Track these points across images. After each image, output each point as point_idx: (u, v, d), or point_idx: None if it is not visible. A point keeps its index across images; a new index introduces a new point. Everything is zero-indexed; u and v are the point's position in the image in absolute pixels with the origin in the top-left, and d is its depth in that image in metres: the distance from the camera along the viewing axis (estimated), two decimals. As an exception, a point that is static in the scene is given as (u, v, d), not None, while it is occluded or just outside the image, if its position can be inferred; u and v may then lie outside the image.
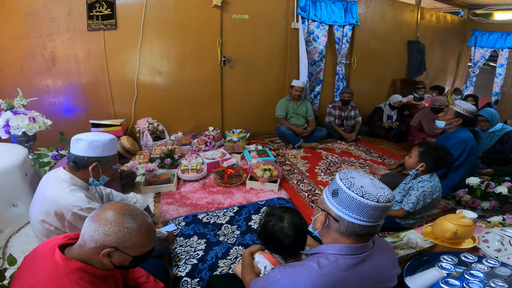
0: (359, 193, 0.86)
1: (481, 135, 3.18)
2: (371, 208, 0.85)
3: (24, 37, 3.01)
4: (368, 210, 0.86)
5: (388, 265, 0.98)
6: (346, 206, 0.88)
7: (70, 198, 1.37)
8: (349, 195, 0.87)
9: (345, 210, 0.88)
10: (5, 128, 2.28)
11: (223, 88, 4.00)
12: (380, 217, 0.87)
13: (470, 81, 5.86)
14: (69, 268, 0.88)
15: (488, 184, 2.33)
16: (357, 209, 0.86)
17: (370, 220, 0.87)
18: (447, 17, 5.61)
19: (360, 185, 0.88)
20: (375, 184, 0.92)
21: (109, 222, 0.89)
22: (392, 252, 1.05)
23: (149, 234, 0.96)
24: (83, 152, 1.43)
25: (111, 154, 1.52)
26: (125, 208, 0.94)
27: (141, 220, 0.94)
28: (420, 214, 2.05)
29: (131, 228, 0.91)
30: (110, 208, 0.93)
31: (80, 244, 0.93)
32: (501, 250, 1.25)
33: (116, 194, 1.91)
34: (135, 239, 0.92)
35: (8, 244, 1.96)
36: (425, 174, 1.96)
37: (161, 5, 3.38)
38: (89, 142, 1.42)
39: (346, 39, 4.34)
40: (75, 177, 1.46)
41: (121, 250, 0.91)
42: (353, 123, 4.43)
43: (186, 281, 1.71)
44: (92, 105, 3.47)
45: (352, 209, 0.87)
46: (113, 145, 1.53)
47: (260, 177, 2.76)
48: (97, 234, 0.88)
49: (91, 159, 1.44)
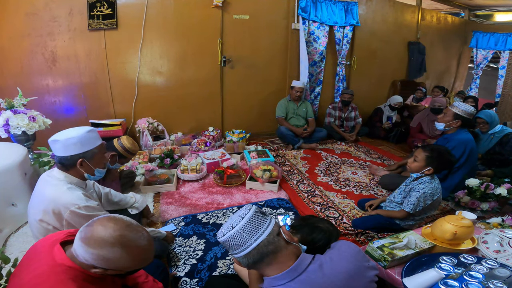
0: (222, 233, 0.97)
1: (481, 136, 3.18)
2: (226, 241, 0.95)
3: (25, 36, 3.01)
4: (228, 244, 0.95)
5: (344, 276, 0.95)
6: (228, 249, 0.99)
7: (68, 197, 1.36)
8: (220, 241, 0.99)
9: (233, 251, 0.97)
10: (5, 127, 2.28)
11: (223, 88, 4.00)
12: (242, 243, 0.93)
13: (474, 83, 5.86)
14: (66, 266, 0.88)
15: (487, 185, 2.34)
16: (228, 247, 0.97)
17: (239, 250, 0.94)
18: (448, 18, 5.61)
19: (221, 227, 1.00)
20: (235, 216, 0.99)
21: (99, 248, 0.85)
22: (354, 260, 1.00)
23: (142, 257, 0.92)
24: (63, 152, 1.38)
25: (94, 146, 1.45)
26: (113, 234, 0.87)
27: (134, 246, 0.89)
28: (420, 216, 2.05)
29: (121, 258, 0.87)
30: (101, 232, 0.86)
31: (72, 252, 0.91)
32: (500, 251, 1.25)
33: (115, 194, 1.91)
34: (127, 264, 0.90)
35: (7, 243, 1.96)
36: (428, 176, 1.95)
37: (162, 5, 3.39)
38: (64, 141, 1.36)
39: (346, 40, 4.34)
40: (69, 175, 1.43)
41: (112, 270, 0.90)
42: (353, 124, 4.43)
43: (185, 281, 1.70)
44: (92, 105, 3.47)
45: (229, 249, 0.97)
46: (92, 137, 1.45)
47: (260, 177, 2.76)
48: (88, 255, 0.86)
49: (74, 157, 1.39)
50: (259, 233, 0.93)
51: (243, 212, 0.98)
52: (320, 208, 2.54)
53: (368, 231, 2.17)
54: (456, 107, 2.46)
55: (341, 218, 2.39)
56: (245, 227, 0.94)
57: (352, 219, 2.34)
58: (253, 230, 0.93)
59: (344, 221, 2.35)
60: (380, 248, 1.29)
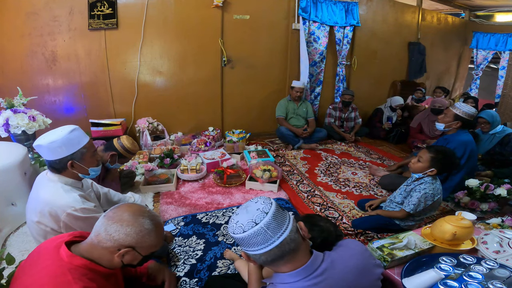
0: (230, 231, 0.92)
1: (481, 137, 3.18)
2: (246, 238, 0.89)
3: (25, 36, 3.01)
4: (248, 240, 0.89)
5: (355, 274, 0.95)
6: (240, 245, 0.93)
7: (64, 199, 1.34)
8: (232, 237, 0.92)
9: (243, 248, 0.93)
10: (5, 126, 2.27)
11: (223, 88, 4.00)
12: (265, 239, 0.87)
13: (474, 84, 5.86)
14: (73, 265, 0.89)
15: (487, 186, 2.33)
16: (243, 243, 0.91)
17: (261, 247, 0.88)
18: (448, 18, 5.61)
19: (235, 221, 0.92)
20: (251, 209, 0.92)
21: (131, 223, 0.93)
22: (362, 258, 1.01)
23: (162, 233, 1.04)
24: (51, 156, 1.35)
25: (81, 146, 1.41)
26: (142, 209, 0.99)
27: (157, 221, 1.00)
28: (420, 216, 2.05)
29: (150, 229, 0.96)
30: (128, 210, 0.97)
31: (91, 243, 0.95)
32: (500, 251, 1.25)
33: (114, 194, 1.90)
34: (151, 239, 0.97)
35: (6, 243, 1.96)
36: (429, 177, 1.95)
37: (162, 5, 3.39)
38: (47, 146, 1.32)
39: (347, 40, 4.34)
40: (63, 177, 1.41)
41: (136, 250, 0.95)
42: (353, 125, 4.43)
43: (184, 281, 1.70)
44: (92, 104, 3.47)
45: (243, 245, 0.91)
46: (76, 136, 1.39)
47: (260, 177, 2.75)
48: (118, 234, 0.92)
49: (63, 160, 1.36)
50: (282, 230, 0.88)
51: (264, 206, 0.91)
52: (320, 209, 2.54)
53: (367, 232, 2.17)
54: (457, 108, 2.46)
55: (340, 219, 2.39)
56: (270, 223, 0.87)
57: (351, 219, 2.34)
58: (277, 227, 0.88)
59: (344, 221, 2.35)
60: (379, 249, 1.29)
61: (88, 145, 1.45)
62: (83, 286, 0.86)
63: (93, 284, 0.89)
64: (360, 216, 2.39)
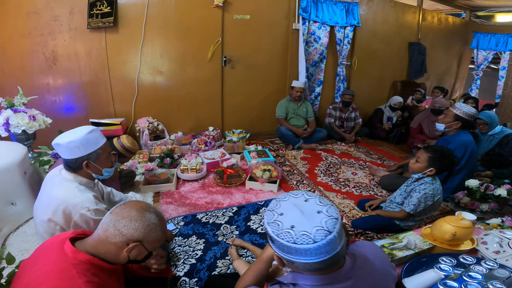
0: (290, 240, 0.73)
1: (481, 137, 3.18)
2: (313, 249, 0.73)
3: (25, 35, 3.02)
4: (311, 251, 0.73)
5: (379, 277, 0.90)
6: (286, 252, 0.76)
7: (79, 198, 1.36)
8: (281, 243, 0.75)
9: (287, 254, 0.76)
10: (5, 126, 2.28)
11: (224, 88, 4.00)
12: (332, 249, 0.74)
13: (474, 84, 5.85)
14: (77, 260, 0.91)
15: (487, 186, 2.33)
16: (298, 253, 0.74)
17: (321, 256, 0.74)
18: (449, 19, 5.61)
19: (289, 226, 0.75)
20: (309, 211, 0.77)
21: (138, 218, 0.98)
22: (382, 259, 0.96)
23: (166, 228, 1.10)
24: (68, 155, 1.38)
25: (97, 147, 1.44)
26: (147, 205, 1.04)
27: (161, 217, 1.06)
28: (420, 217, 2.05)
29: (156, 224, 1.01)
30: (135, 206, 1.01)
31: (98, 238, 0.97)
32: (500, 252, 1.25)
33: (116, 193, 1.91)
34: (157, 233, 1.02)
35: (6, 242, 1.96)
36: (429, 177, 1.95)
37: (163, 5, 3.39)
38: (66, 145, 1.36)
39: (347, 40, 4.34)
40: (78, 176, 1.44)
41: (143, 244, 0.99)
42: (353, 125, 4.42)
43: (184, 281, 1.71)
44: (92, 104, 3.48)
45: (293, 253, 0.75)
46: (94, 137, 1.43)
47: (260, 177, 2.75)
48: (127, 229, 0.96)
49: (79, 159, 1.39)
50: (343, 238, 0.78)
51: (326, 208, 0.78)
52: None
53: (367, 232, 2.17)
54: (457, 109, 2.46)
55: (341, 219, 2.39)
56: (340, 231, 0.76)
57: (351, 220, 2.34)
58: (342, 234, 0.77)
59: (344, 221, 2.35)
60: (379, 249, 1.29)
61: (104, 146, 1.49)
62: (87, 281, 0.87)
63: (96, 279, 0.91)
64: (360, 216, 2.39)
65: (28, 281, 0.89)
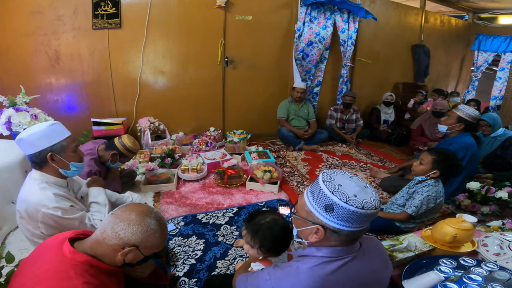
0: (359, 206, 0.82)
1: (483, 140, 3.17)
2: (370, 214, 0.84)
3: (29, 35, 3.03)
4: (367, 217, 0.84)
5: (378, 265, 0.97)
6: (346, 219, 0.84)
7: (37, 196, 1.33)
8: (348, 209, 0.82)
9: (344, 222, 0.84)
10: (7, 124, 2.28)
11: (225, 88, 4.01)
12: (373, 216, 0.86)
13: (472, 85, 5.84)
14: (75, 261, 0.91)
15: (488, 188, 2.33)
16: (357, 219, 0.83)
17: (362, 225, 0.86)
18: (452, 20, 5.60)
19: (353, 194, 0.84)
20: (361, 185, 0.88)
21: (138, 223, 0.95)
22: (382, 251, 1.04)
23: (165, 235, 1.06)
24: (31, 149, 1.36)
25: (61, 138, 1.42)
26: (149, 209, 1.01)
27: (162, 223, 1.03)
28: (421, 219, 2.05)
29: (155, 230, 0.98)
30: (136, 209, 0.99)
31: (96, 239, 0.96)
32: (500, 254, 1.24)
33: (110, 194, 1.88)
34: (156, 240, 0.99)
35: (6, 241, 1.96)
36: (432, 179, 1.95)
37: (165, 5, 3.40)
38: (27, 137, 1.34)
39: (351, 42, 4.32)
40: (45, 174, 1.40)
41: (139, 250, 0.96)
42: (354, 127, 4.42)
43: (184, 281, 1.70)
44: (94, 104, 3.49)
45: (352, 221, 0.84)
46: (56, 129, 1.42)
47: (260, 178, 2.75)
48: (124, 233, 0.94)
49: (42, 152, 1.36)
50: None
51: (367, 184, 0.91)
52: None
53: (368, 233, 2.16)
54: (461, 110, 2.45)
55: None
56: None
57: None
58: None
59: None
60: (379, 250, 1.28)
61: (69, 139, 1.47)
62: (84, 282, 0.87)
63: (94, 280, 0.90)
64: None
65: (26, 280, 0.89)
